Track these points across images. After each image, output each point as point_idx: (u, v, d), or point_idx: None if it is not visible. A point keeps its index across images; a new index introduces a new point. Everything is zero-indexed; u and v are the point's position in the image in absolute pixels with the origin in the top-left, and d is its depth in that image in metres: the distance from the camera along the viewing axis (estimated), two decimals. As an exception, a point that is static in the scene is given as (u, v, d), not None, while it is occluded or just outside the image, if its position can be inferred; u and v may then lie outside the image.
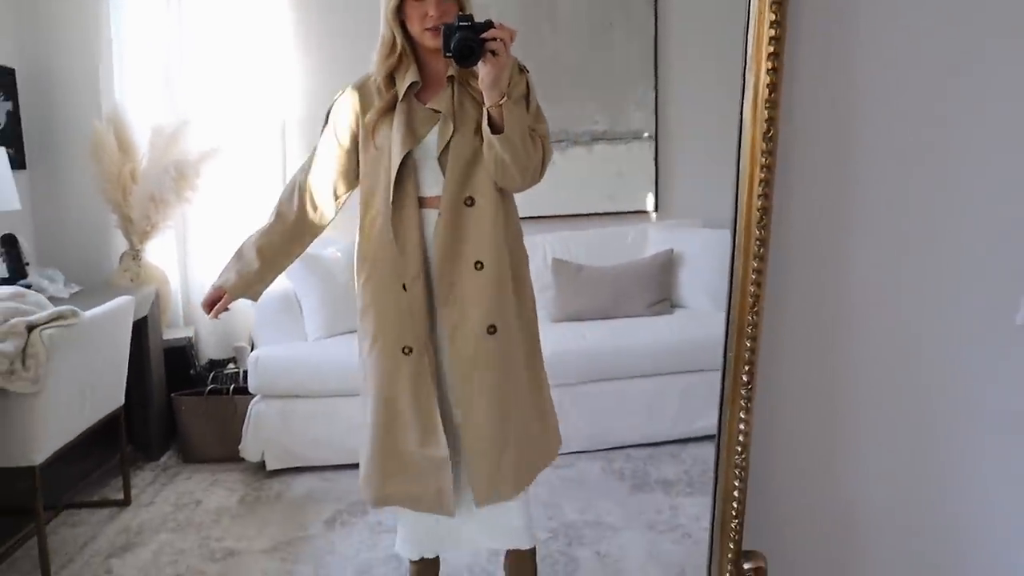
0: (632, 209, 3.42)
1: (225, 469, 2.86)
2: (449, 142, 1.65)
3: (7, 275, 2.70)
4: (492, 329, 1.66)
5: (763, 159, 0.89)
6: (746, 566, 1.06)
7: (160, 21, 3.28)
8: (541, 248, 3.26)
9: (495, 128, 1.59)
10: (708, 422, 2.81)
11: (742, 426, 0.99)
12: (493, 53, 1.51)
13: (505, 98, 1.57)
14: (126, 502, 2.60)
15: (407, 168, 1.66)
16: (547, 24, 3.19)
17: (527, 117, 1.65)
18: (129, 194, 3.17)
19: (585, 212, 3.41)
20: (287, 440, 2.81)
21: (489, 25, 1.52)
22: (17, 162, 3.20)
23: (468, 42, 1.50)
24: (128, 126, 3.21)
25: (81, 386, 2.24)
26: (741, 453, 1.00)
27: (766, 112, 0.88)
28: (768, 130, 0.88)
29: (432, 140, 1.68)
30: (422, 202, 1.69)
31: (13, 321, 2.01)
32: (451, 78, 1.66)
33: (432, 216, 1.68)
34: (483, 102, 1.60)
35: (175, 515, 2.52)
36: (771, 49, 0.87)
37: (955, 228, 1.07)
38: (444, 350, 1.72)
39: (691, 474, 2.69)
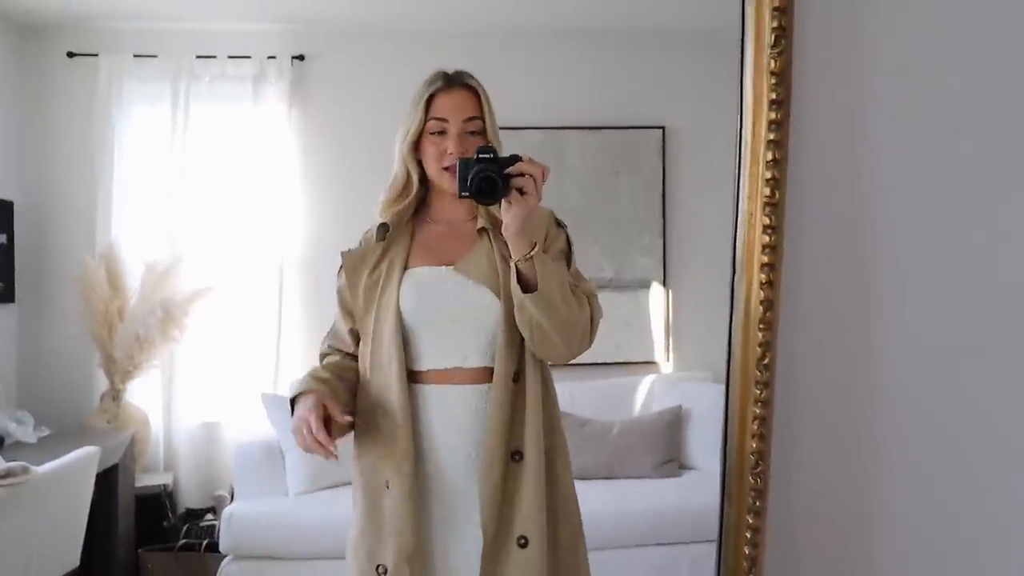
0: (639, 359, 3.29)
1: (191, 639, 2.61)
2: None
3: (-30, 421, 2.55)
4: (523, 541, 1.31)
5: (758, 396, 0.78)
6: None
7: (162, 159, 3.28)
8: (543, 399, 3.11)
9: (526, 286, 1.29)
10: (720, 600, 2.60)
11: None
12: (520, 191, 1.25)
13: (536, 247, 1.29)
14: None
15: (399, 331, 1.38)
16: (554, 171, 3.16)
17: (566, 274, 1.37)
18: (114, 332, 3.07)
19: (590, 362, 3.26)
20: (258, 610, 2.57)
21: (516, 159, 1.27)
22: (7, 296, 3.14)
23: (489, 174, 1.26)
24: (121, 262, 3.16)
25: (28, 549, 2.05)
26: None
27: (760, 335, 0.78)
28: (763, 356, 0.78)
29: (430, 298, 1.40)
30: (414, 376, 1.38)
31: (-45, 479, 1.85)
32: (483, 230, 1.41)
33: (427, 393, 1.37)
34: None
35: None
36: (764, 259, 0.78)
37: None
38: (437, 569, 1.36)
39: (703, 661, 2.42)
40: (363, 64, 3.25)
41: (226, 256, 3.25)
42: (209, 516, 3.07)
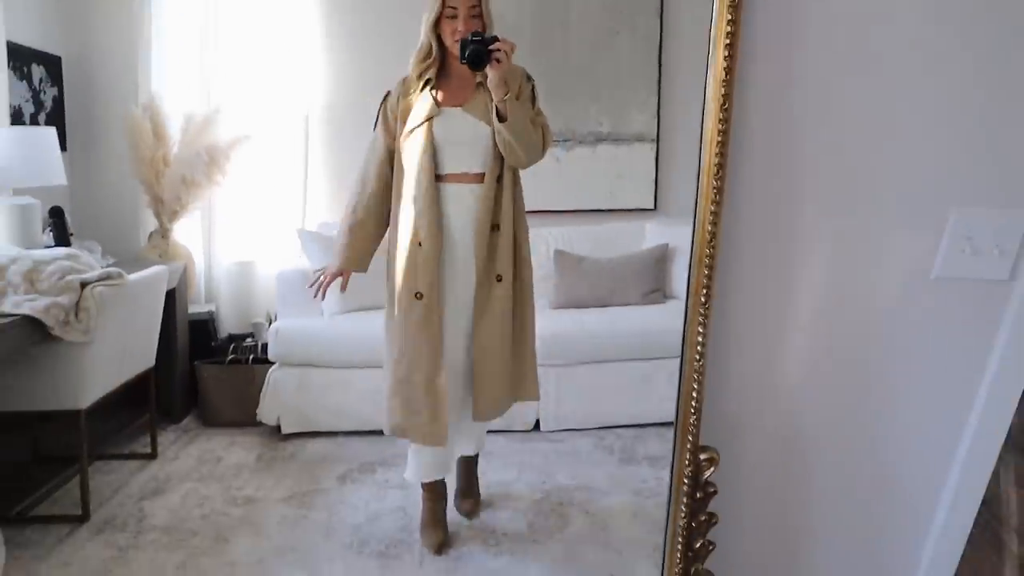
0: (631, 207, 3.62)
1: (243, 433, 3.08)
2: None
3: (52, 243, 2.92)
4: (499, 277, 2.09)
5: (720, 125, 1.12)
6: (702, 456, 1.30)
7: (197, 15, 3.50)
8: (545, 240, 3.46)
9: (502, 118, 2.00)
10: (694, 404, 3.06)
11: (700, 338, 1.21)
12: (497, 60, 1.94)
13: (509, 94, 1.99)
14: (153, 456, 2.81)
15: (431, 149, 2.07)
16: (558, 29, 3.41)
17: (530, 111, 2.08)
18: (161, 176, 3.39)
19: (587, 208, 3.62)
20: (302, 406, 3.03)
21: (494, 39, 1.95)
22: (60, 144, 3.42)
23: (478, 52, 1.95)
24: (163, 113, 3.43)
25: (123, 342, 2.47)
26: (699, 360, 1.22)
27: (723, 88, 1.12)
28: (724, 103, 1.12)
29: (450, 128, 2.07)
30: (438, 178, 2.09)
31: (68, 278, 2.23)
32: (480, 84, 2.07)
33: (446, 189, 2.10)
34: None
35: (199, 468, 2.74)
36: (727, 41, 1.10)
37: (880, 188, 1.28)
38: (450, 298, 2.13)
39: (676, 451, 2.89)
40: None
41: (258, 108, 3.52)
42: (249, 339, 3.49)
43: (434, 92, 2.09)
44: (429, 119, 2.06)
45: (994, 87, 1.22)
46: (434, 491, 2.33)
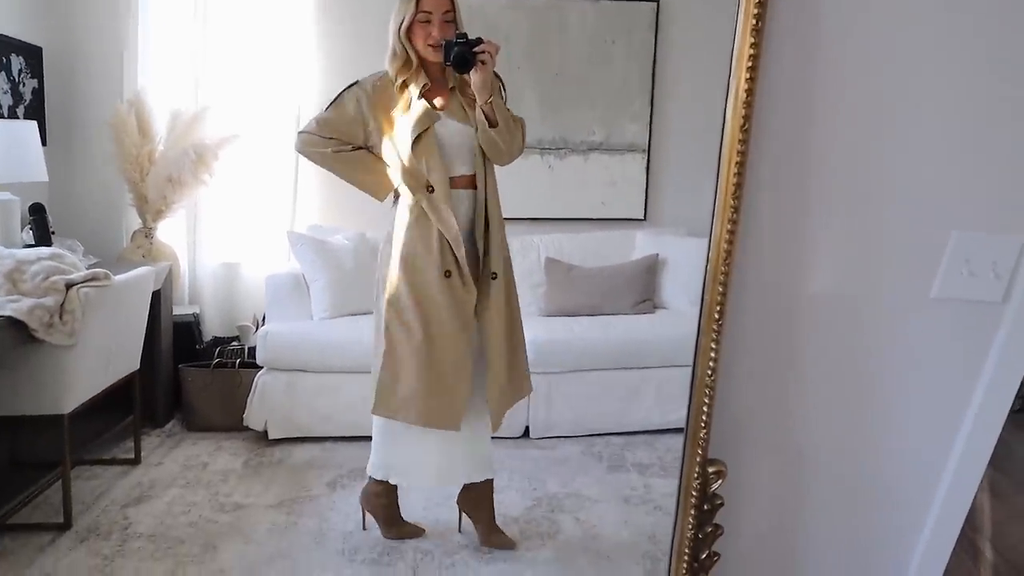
0: (623, 216, 3.63)
1: (228, 437, 3.03)
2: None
3: (33, 242, 2.85)
4: (494, 275, 2.10)
5: (739, 146, 1.13)
6: (710, 469, 1.32)
7: (185, 10, 3.45)
8: (535, 248, 3.45)
9: (490, 120, 2.01)
10: (682, 414, 3.08)
11: (712, 354, 1.22)
12: (483, 62, 1.94)
13: (493, 96, 2.00)
14: (136, 461, 2.75)
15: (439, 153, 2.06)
16: (554, 39, 3.41)
17: (507, 109, 2.07)
18: (146, 174, 3.33)
19: (578, 216, 3.61)
20: (290, 411, 2.99)
21: (479, 41, 1.94)
22: (40, 138, 3.35)
23: (464, 54, 1.93)
24: (149, 110, 3.36)
25: (107, 345, 2.41)
26: (711, 375, 1.23)
27: (743, 110, 1.12)
28: (744, 124, 1.13)
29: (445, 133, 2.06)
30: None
31: (53, 279, 2.18)
32: (453, 88, 2.07)
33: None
34: (473, 102, 2.02)
35: (184, 474, 2.68)
36: (749, 64, 1.11)
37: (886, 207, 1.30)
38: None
39: (664, 460, 2.89)
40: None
41: (247, 107, 3.47)
42: (235, 343, 3.43)
43: (425, 98, 2.06)
44: (430, 125, 2.03)
45: (995, 121, 1.25)
46: (386, 490, 2.29)
